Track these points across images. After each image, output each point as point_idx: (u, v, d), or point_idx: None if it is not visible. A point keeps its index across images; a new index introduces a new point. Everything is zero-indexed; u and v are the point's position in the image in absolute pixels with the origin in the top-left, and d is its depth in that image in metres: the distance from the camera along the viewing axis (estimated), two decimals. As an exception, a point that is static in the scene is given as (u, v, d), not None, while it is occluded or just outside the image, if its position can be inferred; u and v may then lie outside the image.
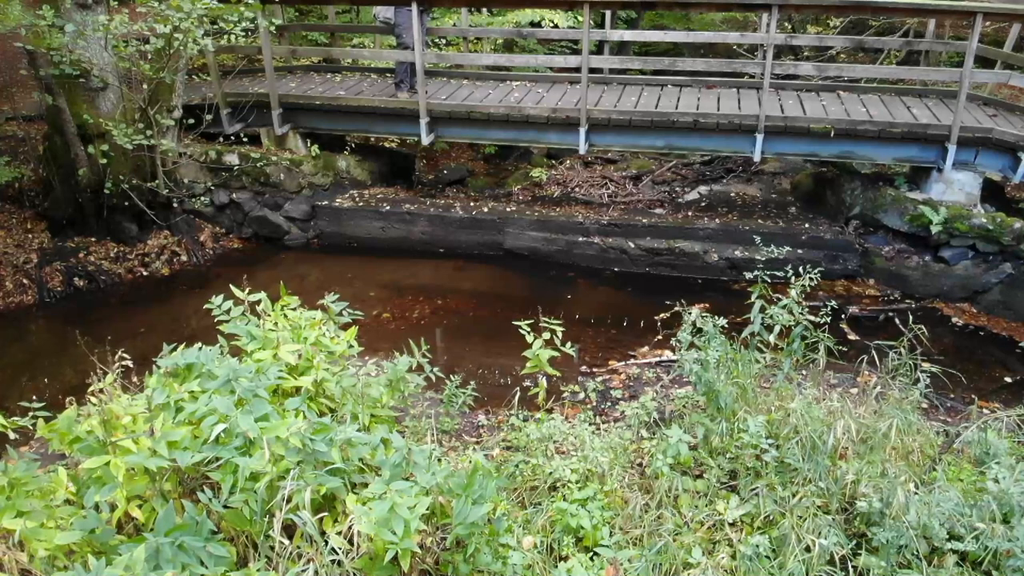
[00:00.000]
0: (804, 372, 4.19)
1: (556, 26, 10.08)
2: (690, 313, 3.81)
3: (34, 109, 8.45)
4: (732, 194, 9.05)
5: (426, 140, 8.07)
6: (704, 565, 2.88)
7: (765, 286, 3.96)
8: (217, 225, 8.31)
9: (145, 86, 7.13)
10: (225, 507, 2.57)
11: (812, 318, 3.87)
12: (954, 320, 6.68)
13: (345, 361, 3.78)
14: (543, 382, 4.13)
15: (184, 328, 6.50)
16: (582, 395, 5.07)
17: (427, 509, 2.58)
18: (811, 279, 3.94)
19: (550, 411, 4.22)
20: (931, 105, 7.77)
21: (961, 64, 6.87)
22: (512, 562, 2.83)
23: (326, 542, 2.52)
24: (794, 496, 3.11)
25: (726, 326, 3.82)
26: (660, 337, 4.47)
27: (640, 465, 3.59)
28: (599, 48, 9.39)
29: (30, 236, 7.59)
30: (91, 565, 2.16)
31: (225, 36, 7.57)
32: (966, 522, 2.95)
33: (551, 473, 3.37)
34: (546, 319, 3.94)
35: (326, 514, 2.65)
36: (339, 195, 8.45)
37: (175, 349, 3.29)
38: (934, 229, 6.88)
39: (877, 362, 3.87)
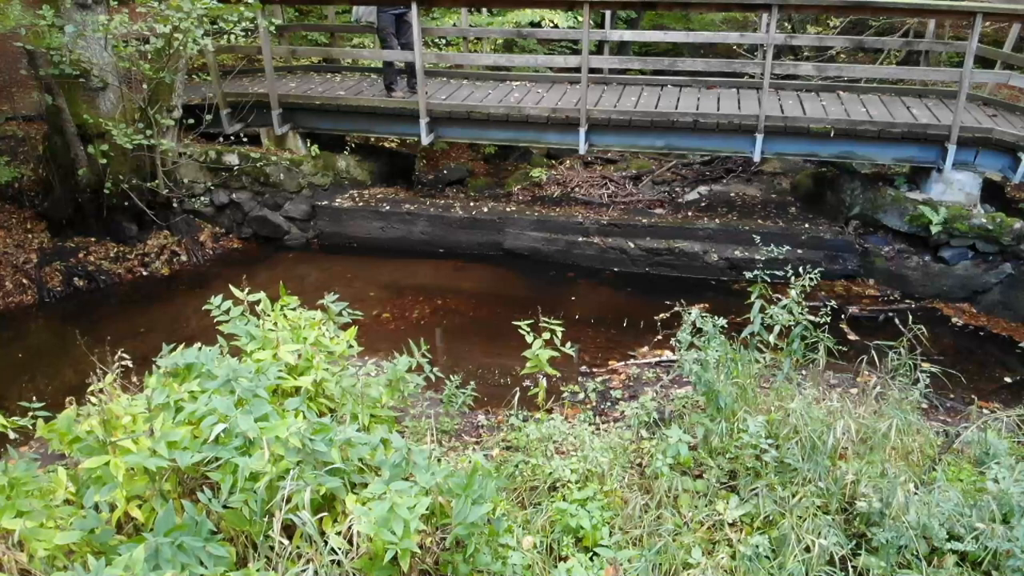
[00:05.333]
0: (804, 372, 4.18)
1: (556, 26, 10.08)
2: (690, 313, 3.81)
3: (34, 109, 8.44)
4: (732, 194, 9.05)
5: (426, 140, 8.07)
6: (704, 565, 2.88)
7: (765, 286, 3.96)
8: (217, 225, 8.31)
9: (145, 86, 7.13)
10: (225, 507, 2.56)
11: (812, 318, 3.86)
12: (954, 320, 6.67)
13: (345, 361, 3.78)
14: (543, 382, 4.12)
15: (184, 328, 6.50)
16: (582, 395, 5.07)
17: (427, 509, 2.58)
18: (811, 279, 3.94)
19: (550, 411, 4.22)
20: (931, 105, 7.78)
21: (961, 64, 6.87)
22: (512, 562, 2.83)
23: (326, 542, 2.52)
24: (794, 496, 3.11)
25: (726, 326, 3.82)
26: (660, 337, 4.46)
27: (640, 465, 3.59)
28: (599, 48, 9.39)
29: (30, 236, 7.59)
30: (91, 565, 2.16)
31: (225, 36, 7.57)
32: (966, 522, 2.95)
33: (551, 473, 3.37)
34: (546, 319, 3.94)
35: (326, 514, 2.65)
36: (339, 195, 8.45)
37: (175, 349, 3.29)
38: (934, 229, 6.88)
39: (877, 362, 3.87)
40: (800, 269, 4.03)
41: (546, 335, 3.93)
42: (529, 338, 3.93)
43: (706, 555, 2.95)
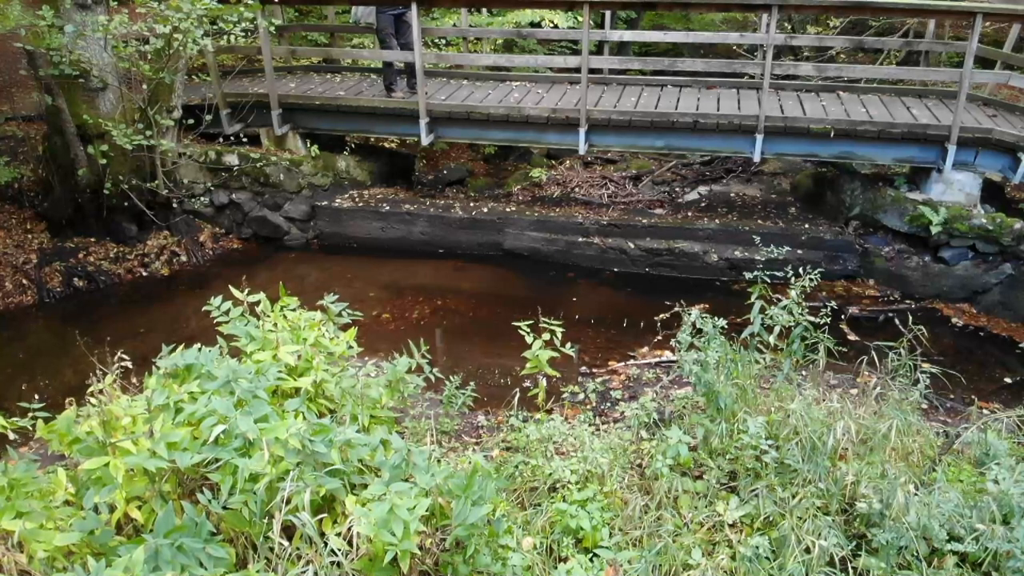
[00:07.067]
0: (804, 373, 4.18)
1: (556, 26, 10.08)
2: (690, 314, 3.81)
3: (34, 109, 8.44)
4: (732, 194, 9.05)
5: (426, 140, 8.06)
6: (704, 566, 2.88)
7: (765, 286, 3.96)
8: (217, 225, 8.31)
9: (145, 86, 7.12)
10: (224, 508, 2.56)
11: (812, 319, 3.86)
12: (954, 320, 6.67)
13: (345, 362, 3.78)
14: (543, 383, 4.12)
15: (184, 328, 6.50)
16: (582, 396, 5.07)
17: (427, 510, 2.58)
18: (811, 279, 3.94)
19: (550, 412, 4.21)
20: (931, 105, 7.77)
21: (961, 64, 6.87)
22: (512, 563, 2.83)
23: (325, 543, 2.52)
24: (794, 497, 3.11)
25: (726, 327, 3.82)
26: (660, 337, 4.46)
27: (640, 466, 3.59)
28: (599, 48, 9.39)
29: (30, 236, 7.59)
30: (90, 566, 2.15)
31: (225, 36, 7.56)
32: (966, 523, 2.95)
33: (551, 474, 3.37)
34: (546, 319, 3.94)
35: (325, 515, 2.64)
36: (339, 195, 8.45)
37: (174, 350, 3.29)
38: (934, 229, 6.88)
39: (877, 363, 3.87)
40: (800, 269, 4.03)
41: (546, 335, 3.92)
42: (529, 338, 3.93)
43: (706, 556, 2.95)
